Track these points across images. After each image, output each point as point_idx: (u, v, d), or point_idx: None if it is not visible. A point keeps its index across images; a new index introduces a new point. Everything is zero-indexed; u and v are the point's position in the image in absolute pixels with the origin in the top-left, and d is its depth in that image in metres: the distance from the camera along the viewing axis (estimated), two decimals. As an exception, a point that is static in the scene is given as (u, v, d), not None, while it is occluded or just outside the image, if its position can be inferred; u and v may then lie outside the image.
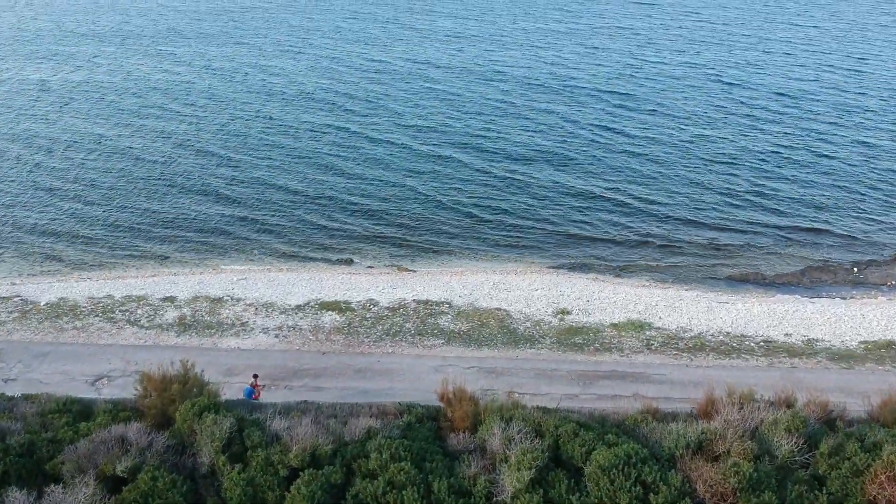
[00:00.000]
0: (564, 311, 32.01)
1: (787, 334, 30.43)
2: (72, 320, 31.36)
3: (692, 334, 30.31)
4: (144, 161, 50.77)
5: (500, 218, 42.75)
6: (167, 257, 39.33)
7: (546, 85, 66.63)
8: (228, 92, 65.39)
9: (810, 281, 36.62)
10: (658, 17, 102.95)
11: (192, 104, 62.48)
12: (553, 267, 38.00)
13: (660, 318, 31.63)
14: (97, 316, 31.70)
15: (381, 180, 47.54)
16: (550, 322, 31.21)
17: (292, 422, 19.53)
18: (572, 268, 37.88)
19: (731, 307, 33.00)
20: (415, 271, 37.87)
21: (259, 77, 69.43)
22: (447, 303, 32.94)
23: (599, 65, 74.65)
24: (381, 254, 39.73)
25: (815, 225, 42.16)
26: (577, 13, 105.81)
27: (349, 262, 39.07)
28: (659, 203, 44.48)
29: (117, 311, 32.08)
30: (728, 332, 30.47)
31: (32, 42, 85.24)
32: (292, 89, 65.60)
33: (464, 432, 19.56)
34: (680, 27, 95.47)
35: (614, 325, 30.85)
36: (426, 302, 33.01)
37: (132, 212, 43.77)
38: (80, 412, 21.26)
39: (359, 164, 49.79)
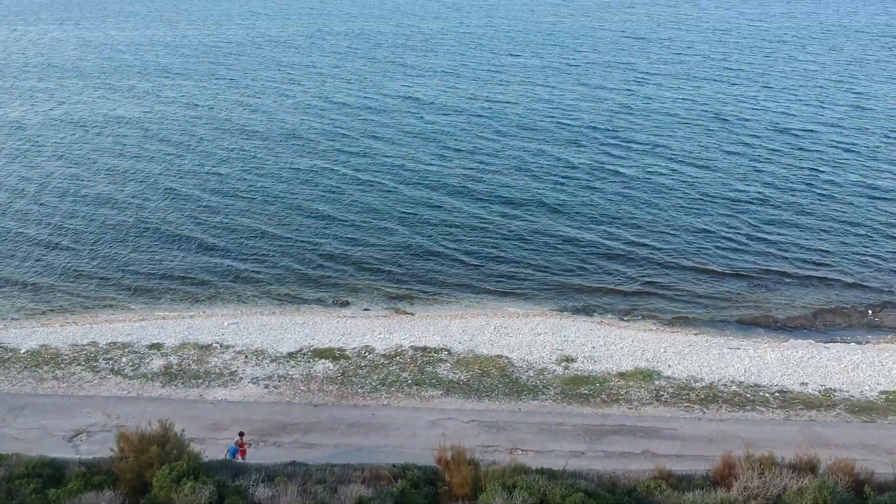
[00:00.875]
0: (569, 359, 30.58)
1: (802, 383, 28.96)
2: (52, 369, 29.91)
3: (703, 384, 28.84)
4: (133, 201, 49.84)
5: (500, 260, 41.51)
6: (157, 300, 38.02)
7: (542, 123, 65.89)
8: (218, 132, 64.90)
9: (823, 324, 35.22)
10: (655, 52, 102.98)
11: (183, 144, 61.96)
12: (556, 310, 36.65)
13: (669, 366, 30.20)
14: (79, 364, 30.26)
15: (377, 221, 46.46)
16: (554, 370, 29.76)
17: (277, 490, 18.06)
18: (576, 310, 36.54)
19: (742, 353, 31.58)
20: (413, 314, 36.54)
21: (247, 117, 68.92)
22: (446, 349, 31.53)
23: (596, 102, 74.15)
24: (378, 296, 38.41)
25: (824, 266, 40.85)
26: (573, 48, 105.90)
27: (345, 304, 37.75)
28: (662, 244, 43.29)
29: (101, 360, 30.65)
30: (741, 382, 29.01)
31: (16, 77, 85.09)
32: (282, 129, 64.96)
33: (463, 500, 18.07)
34: (678, 63, 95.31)
35: (622, 374, 29.39)
36: (424, 349, 31.60)
37: (122, 253, 42.58)
38: (50, 476, 19.76)
39: (353, 206, 48.75)
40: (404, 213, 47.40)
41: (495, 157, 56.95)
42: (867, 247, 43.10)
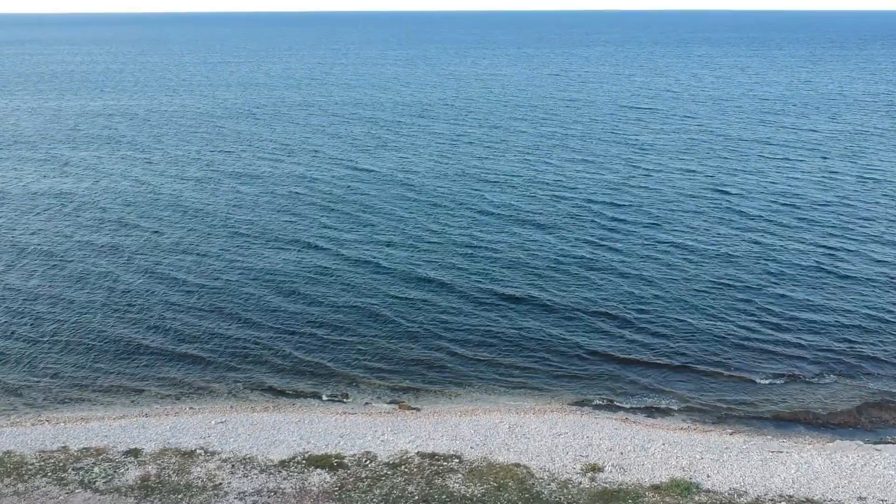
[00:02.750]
0: (595, 468, 27.33)
1: (860, 498, 25.71)
2: (13, 483, 26.49)
3: (749, 499, 25.56)
4: (109, 283, 47.12)
5: (510, 350, 38.52)
6: (139, 393, 34.80)
7: (538, 203, 63.60)
8: (200, 209, 63.03)
9: (870, 422, 32.08)
10: (654, 123, 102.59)
11: (165, 218, 59.87)
12: (575, 404, 33.53)
13: (707, 475, 26.95)
14: (45, 476, 26.86)
15: (376, 307, 43.64)
16: (580, 482, 26.48)
17: None
18: (597, 406, 33.40)
19: (786, 458, 28.39)
20: (418, 409, 33.40)
21: (230, 192, 67.24)
22: (456, 456, 28.26)
23: (595, 175, 72.70)
24: (380, 388, 35.28)
25: (857, 357, 37.55)
26: (572, 119, 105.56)
27: (344, 397, 34.61)
28: (676, 335, 40.48)
29: (70, 470, 27.26)
30: (790, 496, 25.73)
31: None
32: (269, 205, 62.82)
33: None
34: (677, 133, 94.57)
35: (656, 487, 26.10)
36: (432, 455, 28.33)
37: (102, 342, 39.55)
38: None
39: (348, 290, 45.97)
40: (401, 297, 44.50)
41: (493, 244, 53.76)
42: (891, 330, 40.20)
